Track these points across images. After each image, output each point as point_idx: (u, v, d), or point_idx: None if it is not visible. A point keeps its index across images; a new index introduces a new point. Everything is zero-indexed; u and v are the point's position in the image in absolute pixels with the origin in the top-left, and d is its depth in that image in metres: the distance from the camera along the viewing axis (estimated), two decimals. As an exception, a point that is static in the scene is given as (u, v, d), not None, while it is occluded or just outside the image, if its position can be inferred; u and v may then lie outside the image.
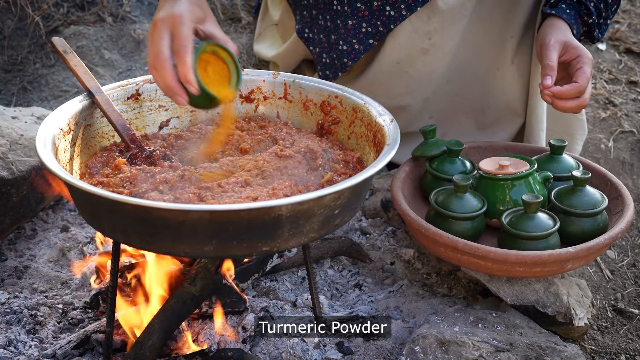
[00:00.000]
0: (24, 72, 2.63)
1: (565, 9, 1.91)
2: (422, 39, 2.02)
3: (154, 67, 1.42)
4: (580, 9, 1.92)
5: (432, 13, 1.97)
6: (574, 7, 1.92)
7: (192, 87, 1.41)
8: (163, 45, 1.41)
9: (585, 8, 1.92)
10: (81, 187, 1.28)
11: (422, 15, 1.97)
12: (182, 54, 1.40)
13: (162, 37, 1.42)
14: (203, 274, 1.63)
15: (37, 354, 1.57)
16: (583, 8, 1.92)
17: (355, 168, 1.55)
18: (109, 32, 2.73)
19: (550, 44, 1.82)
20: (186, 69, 1.40)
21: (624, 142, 2.47)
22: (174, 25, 1.42)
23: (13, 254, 1.92)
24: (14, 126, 2.03)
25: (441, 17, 1.97)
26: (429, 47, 2.03)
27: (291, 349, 1.59)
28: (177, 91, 1.42)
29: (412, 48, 2.03)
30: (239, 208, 1.24)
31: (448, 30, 2.01)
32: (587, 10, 1.92)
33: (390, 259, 1.94)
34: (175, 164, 1.52)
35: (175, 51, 1.41)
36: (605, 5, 1.95)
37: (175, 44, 1.42)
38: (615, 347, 1.77)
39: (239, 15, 2.86)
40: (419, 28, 2.00)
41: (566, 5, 1.92)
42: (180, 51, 1.40)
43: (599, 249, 1.66)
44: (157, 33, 1.43)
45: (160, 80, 1.43)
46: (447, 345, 1.54)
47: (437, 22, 1.98)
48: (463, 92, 2.16)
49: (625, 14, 3.10)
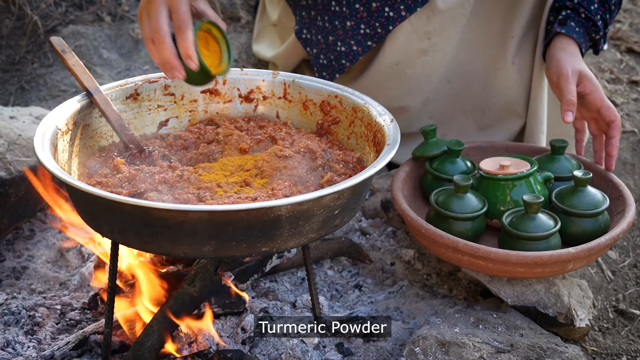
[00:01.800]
0: (22, 71, 2.62)
1: (575, 27, 1.89)
2: (421, 39, 2.01)
3: (151, 42, 1.41)
4: (588, 25, 1.91)
5: (432, 13, 1.96)
6: (583, 24, 1.91)
7: (192, 63, 1.41)
8: (162, 20, 1.40)
9: (593, 25, 1.91)
10: (79, 187, 1.28)
11: (421, 16, 1.96)
12: (183, 29, 1.40)
13: (160, 11, 1.41)
14: (202, 274, 1.62)
15: (35, 355, 1.57)
16: (591, 25, 1.91)
17: (355, 168, 1.55)
18: (107, 31, 2.72)
19: (568, 75, 1.81)
20: (187, 44, 1.40)
21: (625, 142, 2.46)
22: (172, 1, 1.42)
23: (11, 254, 1.92)
24: (12, 126, 2.02)
25: (440, 18, 1.97)
26: (429, 48, 2.02)
27: (291, 350, 1.58)
28: (176, 66, 1.42)
29: (412, 49, 2.02)
30: (239, 208, 1.24)
31: (447, 31, 2.00)
32: (595, 27, 1.91)
33: (391, 259, 1.93)
34: (174, 164, 1.52)
35: (176, 27, 1.41)
36: (610, 14, 1.95)
37: (175, 20, 1.41)
38: (616, 348, 1.76)
39: (238, 14, 2.86)
40: (418, 29, 1.99)
41: (575, 23, 1.90)
42: (181, 26, 1.40)
43: (600, 250, 1.65)
44: (155, 7, 1.41)
45: (157, 55, 1.42)
46: (448, 347, 1.54)
47: (436, 23, 1.98)
48: (463, 92, 2.15)
49: (626, 13, 3.10)
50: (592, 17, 1.90)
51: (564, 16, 1.91)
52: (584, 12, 1.90)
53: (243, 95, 1.75)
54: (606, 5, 1.92)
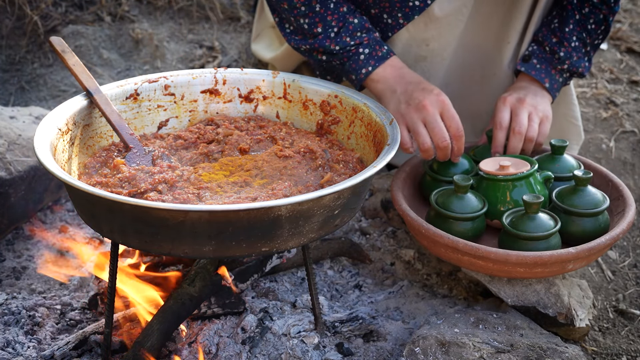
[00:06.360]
0: (22, 71, 2.62)
1: (536, 64, 1.97)
2: (419, 46, 2.02)
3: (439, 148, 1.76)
4: (552, 59, 1.96)
5: (429, 20, 1.96)
6: (546, 59, 1.96)
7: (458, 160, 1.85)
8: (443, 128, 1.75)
9: (557, 58, 1.96)
10: (80, 187, 1.27)
11: (419, 23, 1.97)
12: (461, 137, 1.77)
13: (437, 119, 1.75)
14: (202, 274, 1.62)
15: (35, 355, 1.57)
16: (555, 58, 1.96)
17: (355, 168, 1.55)
18: (107, 31, 2.72)
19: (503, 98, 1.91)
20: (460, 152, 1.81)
21: (625, 142, 2.46)
22: (444, 105, 1.75)
23: (11, 254, 1.92)
24: (12, 126, 2.02)
25: (438, 24, 1.97)
26: (427, 54, 2.03)
27: (291, 350, 1.58)
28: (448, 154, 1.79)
29: (410, 55, 2.03)
30: (239, 208, 1.24)
31: (445, 37, 2.01)
32: (558, 60, 1.96)
33: (391, 259, 1.93)
34: (174, 164, 1.52)
35: (454, 135, 1.76)
36: (587, 33, 1.97)
37: (454, 127, 1.75)
38: (616, 348, 1.76)
39: (238, 14, 2.86)
40: (416, 35, 2.00)
41: (537, 60, 1.97)
42: (459, 134, 1.76)
43: (600, 250, 1.65)
44: (430, 115, 1.74)
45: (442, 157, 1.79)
46: (448, 347, 1.54)
47: (434, 29, 1.98)
48: (461, 96, 2.15)
49: (626, 13, 3.09)
50: (556, 48, 1.95)
51: (529, 53, 1.98)
52: (549, 45, 1.96)
53: (243, 95, 1.75)
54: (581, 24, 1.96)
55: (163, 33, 2.75)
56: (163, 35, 2.74)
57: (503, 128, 1.88)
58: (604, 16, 1.97)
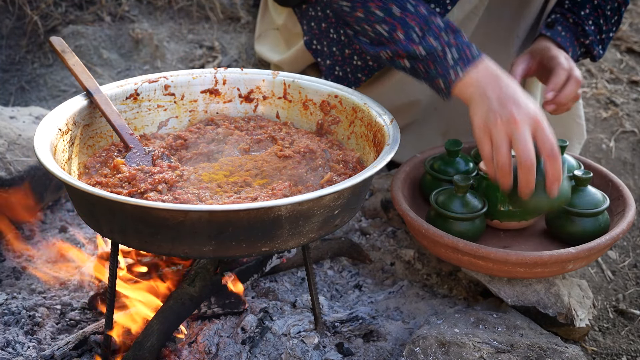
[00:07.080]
0: (22, 71, 2.62)
1: (561, 32, 1.90)
2: None
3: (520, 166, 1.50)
4: (576, 30, 1.92)
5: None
6: (570, 29, 1.92)
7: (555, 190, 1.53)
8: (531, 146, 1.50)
9: (582, 30, 1.92)
10: (80, 187, 1.27)
11: None
12: (555, 157, 1.51)
13: (527, 137, 1.50)
14: (202, 274, 1.62)
15: (35, 355, 1.56)
16: (579, 30, 1.92)
17: (355, 168, 1.55)
18: (107, 31, 2.72)
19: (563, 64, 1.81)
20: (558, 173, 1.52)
21: (625, 142, 2.46)
22: (537, 123, 1.51)
23: (11, 254, 1.92)
24: (12, 126, 2.02)
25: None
26: None
27: (291, 350, 1.58)
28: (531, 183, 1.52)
29: None
30: (239, 208, 1.24)
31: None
32: (583, 32, 1.92)
33: (391, 259, 1.93)
34: (174, 164, 1.52)
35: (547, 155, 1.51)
36: (605, 19, 1.95)
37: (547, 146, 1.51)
38: (616, 348, 1.76)
39: (238, 14, 2.85)
40: None
41: (562, 27, 1.91)
42: (554, 154, 1.51)
43: (600, 250, 1.65)
44: (520, 130, 1.49)
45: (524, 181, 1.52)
46: (448, 347, 1.54)
47: None
48: None
49: (626, 13, 3.09)
50: (580, 22, 1.91)
51: (552, 20, 1.92)
52: (572, 17, 1.91)
53: (243, 95, 1.75)
54: (599, 10, 1.93)
55: (163, 33, 2.75)
56: (163, 35, 2.74)
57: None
58: (618, 5, 1.95)
